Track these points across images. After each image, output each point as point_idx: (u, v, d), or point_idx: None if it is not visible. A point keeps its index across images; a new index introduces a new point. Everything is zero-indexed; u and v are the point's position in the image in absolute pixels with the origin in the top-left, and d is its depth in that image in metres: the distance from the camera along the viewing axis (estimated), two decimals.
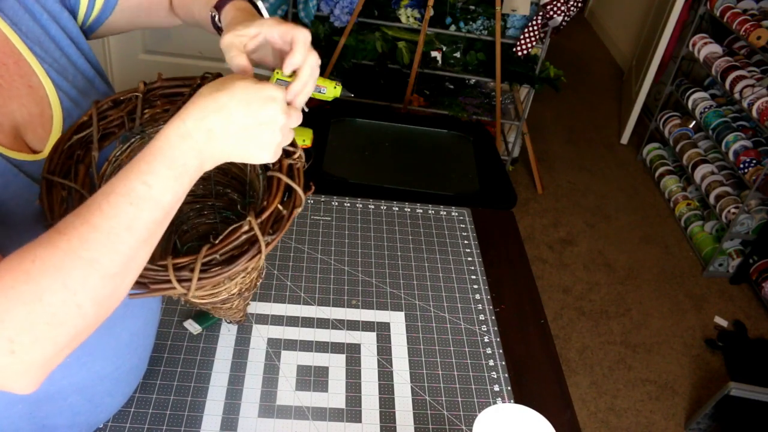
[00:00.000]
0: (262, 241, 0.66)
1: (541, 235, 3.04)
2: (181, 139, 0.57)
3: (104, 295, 0.55)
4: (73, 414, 0.84)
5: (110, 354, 0.83)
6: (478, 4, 2.69)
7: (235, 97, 0.58)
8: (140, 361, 0.94)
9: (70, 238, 0.53)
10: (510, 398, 1.04)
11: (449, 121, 2.53)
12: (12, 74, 0.68)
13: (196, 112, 0.58)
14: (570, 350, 2.47)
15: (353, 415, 0.98)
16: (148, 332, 0.93)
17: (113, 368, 0.85)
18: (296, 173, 0.71)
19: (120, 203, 0.55)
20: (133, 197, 0.55)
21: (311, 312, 1.14)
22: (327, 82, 1.33)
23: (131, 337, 0.86)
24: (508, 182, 1.87)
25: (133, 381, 0.95)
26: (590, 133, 3.97)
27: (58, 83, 0.73)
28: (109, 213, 0.54)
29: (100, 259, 0.54)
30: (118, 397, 0.92)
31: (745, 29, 2.85)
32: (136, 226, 0.55)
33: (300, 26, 0.67)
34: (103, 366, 0.83)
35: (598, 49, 5.18)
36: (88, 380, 0.82)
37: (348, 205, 1.42)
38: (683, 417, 2.28)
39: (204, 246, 0.65)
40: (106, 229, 0.54)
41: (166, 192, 0.57)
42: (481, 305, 1.21)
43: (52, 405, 0.80)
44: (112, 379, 0.87)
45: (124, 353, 0.86)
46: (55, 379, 0.69)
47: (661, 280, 2.89)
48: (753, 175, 2.73)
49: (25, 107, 0.69)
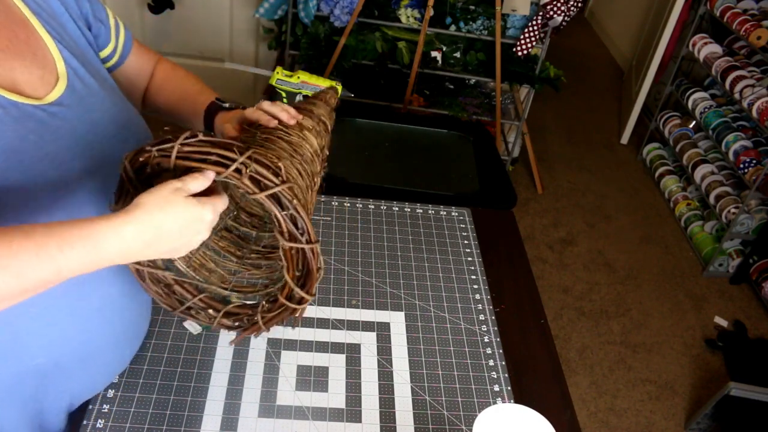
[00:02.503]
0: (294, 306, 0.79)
1: (541, 235, 3.04)
2: (115, 238, 0.64)
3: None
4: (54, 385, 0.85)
5: (78, 320, 0.82)
6: (478, 4, 2.69)
7: (173, 218, 0.67)
8: (119, 339, 0.92)
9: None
10: (510, 398, 1.04)
11: (449, 121, 2.53)
12: (21, 42, 0.76)
13: (137, 221, 0.65)
14: (570, 350, 2.47)
15: (353, 415, 0.98)
16: (126, 306, 0.90)
17: (85, 337, 0.84)
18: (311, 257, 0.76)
19: (28, 247, 0.59)
20: (41, 250, 0.60)
21: (311, 312, 1.14)
22: (327, 82, 1.33)
23: (102, 302, 0.84)
24: (508, 182, 1.87)
25: (112, 361, 0.93)
26: (590, 133, 3.97)
27: (66, 57, 0.80)
28: (14, 248, 0.59)
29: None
30: (95, 374, 0.91)
31: (745, 29, 2.85)
32: (25, 275, 0.59)
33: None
34: (74, 334, 0.82)
35: (598, 49, 5.18)
36: (58, 345, 0.81)
37: (348, 205, 1.42)
38: (683, 417, 2.28)
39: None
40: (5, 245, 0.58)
41: (69, 265, 0.62)
42: (481, 305, 1.21)
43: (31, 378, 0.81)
44: (86, 351, 0.86)
45: (95, 321, 0.84)
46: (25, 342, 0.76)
47: (661, 280, 2.89)
48: (753, 175, 2.73)
49: (27, 69, 0.75)
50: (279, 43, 2.99)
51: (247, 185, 0.69)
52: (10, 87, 0.72)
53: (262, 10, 2.83)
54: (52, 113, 0.75)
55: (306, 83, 1.29)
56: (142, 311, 0.97)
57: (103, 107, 0.83)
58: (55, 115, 0.75)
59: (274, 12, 2.84)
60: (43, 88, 0.76)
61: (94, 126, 0.80)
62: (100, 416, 0.92)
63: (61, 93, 0.77)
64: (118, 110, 0.85)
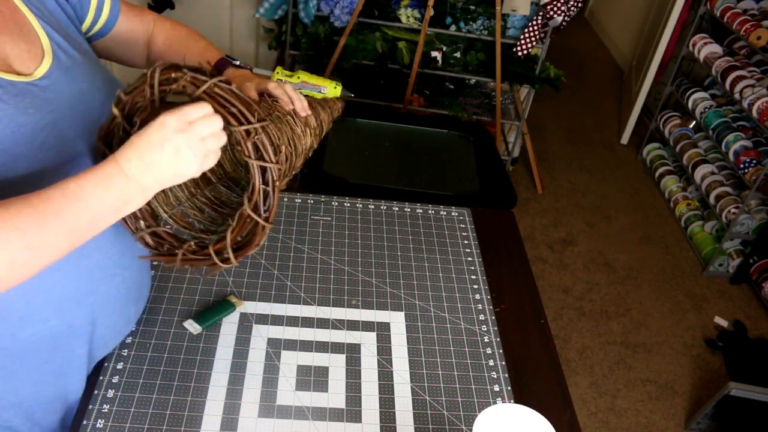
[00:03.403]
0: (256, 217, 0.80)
1: (541, 235, 3.04)
2: (115, 167, 0.71)
3: (18, 262, 0.66)
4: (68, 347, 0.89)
5: (84, 279, 0.87)
6: (478, 4, 2.69)
7: (147, 133, 0.72)
8: (124, 298, 0.96)
9: (9, 207, 0.65)
10: (510, 398, 1.04)
11: (449, 121, 2.53)
12: (6, 18, 0.79)
13: (132, 151, 0.71)
14: (570, 350, 2.47)
15: (353, 415, 0.98)
16: (127, 265, 0.93)
17: (92, 298, 0.89)
18: (265, 144, 0.80)
19: (54, 193, 0.67)
20: (65, 190, 0.68)
21: (311, 312, 1.14)
22: (327, 82, 1.33)
23: (104, 260, 0.88)
24: (508, 182, 1.87)
25: (119, 321, 0.98)
26: (590, 133, 3.97)
27: (49, 32, 0.84)
28: (44, 197, 0.67)
29: (27, 230, 0.65)
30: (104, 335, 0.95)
31: (745, 29, 2.85)
32: (63, 215, 0.67)
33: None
34: (81, 294, 0.87)
35: (598, 49, 5.18)
36: (68, 306, 0.85)
37: (348, 205, 1.42)
38: (683, 417, 2.28)
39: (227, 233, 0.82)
40: (40, 209, 0.66)
41: (93, 195, 0.69)
42: (481, 305, 1.21)
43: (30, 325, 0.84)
44: (94, 311, 0.90)
45: (99, 279, 0.89)
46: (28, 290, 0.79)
47: (661, 280, 2.89)
48: (753, 175, 2.73)
49: (15, 44, 0.79)
50: (279, 43, 2.99)
51: (247, 148, 0.76)
52: (2, 61, 0.76)
53: (262, 10, 2.83)
54: (44, 87, 0.79)
55: (306, 83, 1.29)
56: (142, 269, 1.00)
57: (88, 77, 0.86)
58: (47, 88, 0.79)
59: (274, 12, 2.84)
60: (32, 62, 0.79)
61: (83, 95, 0.84)
62: (100, 416, 0.92)
63: (48, 67, 0.81)
64: (102, 79, 0.89)
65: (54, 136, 0.79)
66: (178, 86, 0.76)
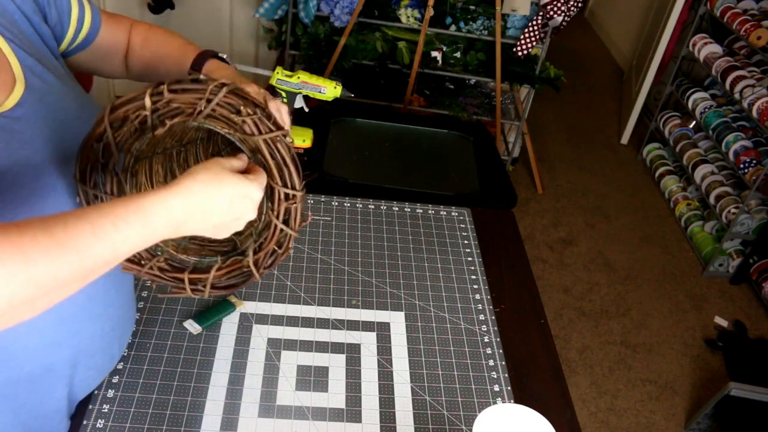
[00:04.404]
0: (256, 274, 0.81)
1: (541, 235, 3.04)
2: (164, 211, 0.63)
3: (20, 297, 0.55)
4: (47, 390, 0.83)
5: (65, 323, 0.81)
6: (478, 4, 2.69)
7: (222, 193, 0.67)
8: (108, 337, 0.91)
9: (23, 232, 0.55)
10: (510, 398, 1.04)
11: (449, 121, 2.53)
12: None
13: (185, 193, 0.65)
14: (570, 350, 2.47)
15: (353, 415, 0.98)
16: (111, 302, 0.88)
17: (74, 340, 0.83)
18: (292, 215, 0.79)
19: (83, 228, 0.58)
20: (97, 229, 0.59)
21: (311, 312, 1.14)
22: (327, 82, 1.33)
23: (88, 301, 0.83)
24: (508, 182, 1.87)
25: (102, 360, 0.92)
26: (590, 133, 3.97)
27: (21, 56, 0.76)
28: (70, 230, 0.58)
29: (38, 264, 0.55)
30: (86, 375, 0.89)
31: (745, 29, 2.85)
32: (85, 254, 0.58)
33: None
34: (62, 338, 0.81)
35: (598, 49, 5.18)
36: (46, 351, 0.80)
37: (348, 205, 1.42)
38: (683, 417, 2.28)
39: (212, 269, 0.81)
40: (60, 241, 0.57)
41: (127, 242, 0.61)
42: (481, 305, 1.21)
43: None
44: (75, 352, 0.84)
45: (82, 321, 0.84)
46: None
47: (661, 280, 2.89)
48: (753, 175, 2.73)
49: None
50: (279, 43, 2.99)
51: (280, 210, 0.77)
52: None
53: (262, 10, 2.83)
54: (16, 118, 0.72)
55: (306, 83, 1.29)
56: (127, 305, 0.96)
57: (65, 105, 0.80)
58: (18, 120, 0.72)
59: (274, 12, 2.84)
60: (2, 91, 0.72)
61: (60, 124, 0.77)
62: (100, 416, 0.92)
63: (20, 95, 0.73)
64: (79, 105, 0.83)
65: (26, 172, 0.71)
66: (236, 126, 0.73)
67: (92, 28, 0.92)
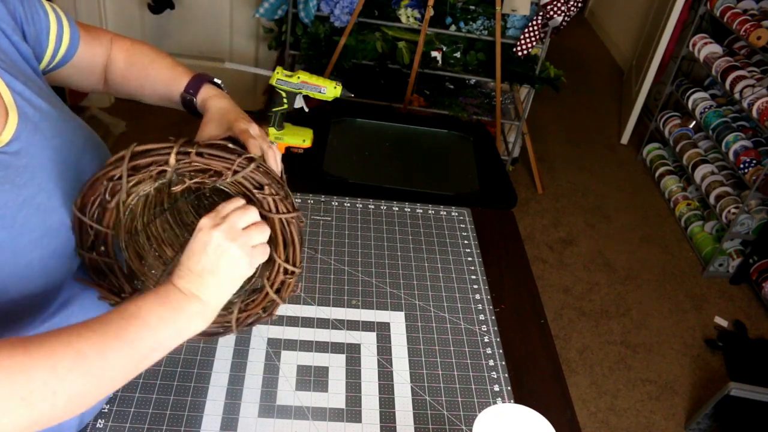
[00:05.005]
0: (234, 329, 0.85)
1: (541, 235, 3.04)
2: (169, 284, 0.69)
3: (79, 391, 0.59)
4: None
5: None
6: (478, 4, 2.69)
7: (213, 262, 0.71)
8: None
9: (69, 332, 0.60)
10: (510, 398, 1.04)
11: (449, 121, 2.53)
12: None
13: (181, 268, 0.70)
14: (570, 350, 2.47)
15: (353, 415, 0.98)
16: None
17: None
18: (285, 287, 0.84)
19: (111, 316, 0.64)
20: (122, 312, 0.65)
21: (311, 312, 1.14)
22: (327, 82, 1.33)
23: None
24: (508, 182, 1.87)
25: None
26: (590, 133, 3.97)
27: (10, 82, 0.72)
28: (102, 320, 0.63)
29: (88, 354, 0.60)
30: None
31: (745, 29, 2.85)
32: (124, 337, 0.63)
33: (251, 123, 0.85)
34: None
35: (598, 49, 5.18)
36: None
37: (348, 205, 1.42)
38: (683, 417, 2.28)
39: None
40: (99, 332, 0.62)
41: (152, 313, 0.66)
42: (481, 305, 1.21)
43: None
44: None
45: None
46: None
47: (661, 280, 2.89)
48: (753, 175, 2.73)
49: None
50: (279, 43, 2.99)
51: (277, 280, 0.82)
52: None
53: (262, 10, 2.83)
54: (15, 153, 0.68)
55: (306, 83, 1.29)
56: None
57: (60, 130, 0.76)
58: (18, 154, 0.68)
59: (274, 12, 2.84)
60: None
61: (58, 154, 0.74)
62: (100, 416, 0.92)
63: (15, 127, 0.69)
64: (71, 129, 0.79)
65: (34, 213, 0.69)
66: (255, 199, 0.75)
67: (71, 44, 0.89)
